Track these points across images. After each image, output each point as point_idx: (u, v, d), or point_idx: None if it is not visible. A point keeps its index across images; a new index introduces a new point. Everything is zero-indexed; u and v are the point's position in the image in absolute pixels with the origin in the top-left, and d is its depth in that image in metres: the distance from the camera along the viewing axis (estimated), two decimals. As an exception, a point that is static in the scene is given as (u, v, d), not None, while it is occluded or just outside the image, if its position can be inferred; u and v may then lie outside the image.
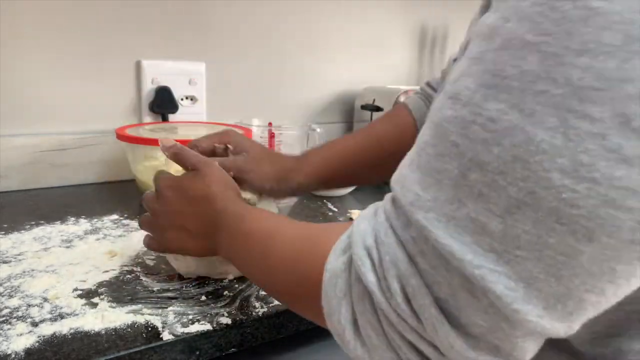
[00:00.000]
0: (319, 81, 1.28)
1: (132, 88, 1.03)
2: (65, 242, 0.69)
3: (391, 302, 0.30)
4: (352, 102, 1.32)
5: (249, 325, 0.51)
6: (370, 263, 0.32)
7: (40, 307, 0.51)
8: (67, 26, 0.94)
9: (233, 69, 1.14)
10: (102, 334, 0.47)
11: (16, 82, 0.91)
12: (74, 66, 0.96)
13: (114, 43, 0.99)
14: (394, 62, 1.41)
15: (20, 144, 0.93)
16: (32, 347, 0.45)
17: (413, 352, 0.31)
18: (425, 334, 0.30)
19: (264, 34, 1.17)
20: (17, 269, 0.60)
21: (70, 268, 0.61)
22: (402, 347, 0.31)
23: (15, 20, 0.89)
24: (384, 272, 0.31)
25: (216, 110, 1.13)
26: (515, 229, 0.26)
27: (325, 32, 1.26)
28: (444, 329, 0.29)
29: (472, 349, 0.29)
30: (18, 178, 0.93)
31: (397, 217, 0.31)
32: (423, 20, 1.43)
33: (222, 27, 1.11)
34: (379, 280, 0.31)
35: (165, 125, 1.01)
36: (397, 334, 0.31)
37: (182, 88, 1.08)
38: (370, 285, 0.31)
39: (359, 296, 0.32)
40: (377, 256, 0.32)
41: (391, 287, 0.30)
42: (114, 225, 0.76)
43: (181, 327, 0.49)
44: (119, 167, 1.01)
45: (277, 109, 1.22)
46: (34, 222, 0.75)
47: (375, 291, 0.31)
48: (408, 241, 0.30)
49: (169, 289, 0.56)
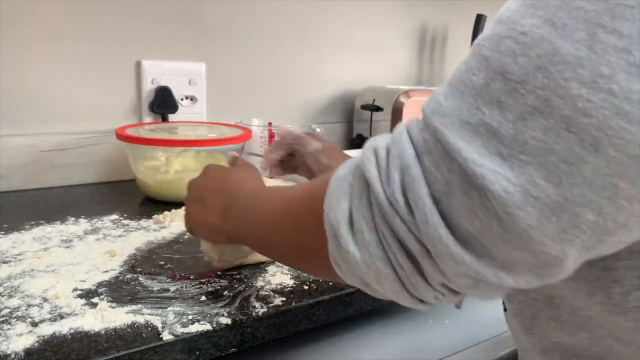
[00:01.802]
0: (319, 81, 1.28)
1: (132, 88, 1.03)
2: (65, 242, 0.69)
3: (387, 191, 0.31)
4: (352, 102, 1.32)
5: (249, 325, 0.51)
6: (374, 159, 0.33)
7: (40, 307, 0.51)
8: (67, 26, 0.94)
9: (233, 69, 1.14)
10: (102, 334, 0.47)
11: (16, 82, 0.91)
12: (74, 66, 0.96)
13: (114, 43, 0.99)
14: (394, 62, 1.41)
15: (20, 144, 0.93)
16: (31, 347, 0.45)
17: (401, 250, 0.32)
18: (414, 227, 0.31)
19: (264, 34, 1.17)
20: (17, 269, 0.60)
21: (70, 268, 0.61)
22: (392, 245, 0.32)
23: (16, 21, 0.89)
24: (387, 163, 0.32)
25: (216, 110, 1.13)
26: (524, 135, 0.27)
27: (326, 32, 1.26)
28: (434, 218, 0.29)
29: (460, 245, 0.29)
30: (18, 178, 0.93)
31: (416, 123, 0.33)
32: (423, 20, 1.43)
33: (222, 27, 1.11)
34: (379, 172, 0.32)
35: (165, 125, 1.01)
36: (387, 229, 0.32)
37: (182, 88, 1.08)
38: (371, 177, 0.32)
39: (359, 192, 0.33)
40: (384, 153, 0.33)
41: (390, 177, 0.31)
42: (114, 225, 0.76)
43: (181, 327, 0.49)
44: (119, 167, 1.01)
45: (277, 109, 1.22)
46: (33, 222, 0.75)
47: (374, 182, 0.32)
48: (419, 142, 0.31)
49: (169, 289, 0.56)
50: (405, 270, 0.32)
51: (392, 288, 0.34)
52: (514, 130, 0.28)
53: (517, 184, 0.27)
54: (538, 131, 0.27)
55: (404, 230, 0.31)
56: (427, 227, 0.30)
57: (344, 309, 0.59)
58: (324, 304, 0.57)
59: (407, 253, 0.32)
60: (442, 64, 1.51)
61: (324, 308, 0.57)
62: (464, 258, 0.29)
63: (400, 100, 1.18)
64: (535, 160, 0.27)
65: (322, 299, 0.56)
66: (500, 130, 0.28)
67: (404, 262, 0.32)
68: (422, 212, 0.30)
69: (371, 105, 1.23)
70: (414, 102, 1.19)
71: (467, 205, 0.29)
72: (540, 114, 0.27)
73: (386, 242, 0.32)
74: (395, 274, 0.33)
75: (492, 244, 0.29)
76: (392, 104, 1.18)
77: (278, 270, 0.62)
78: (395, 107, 1.18)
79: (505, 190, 0.27)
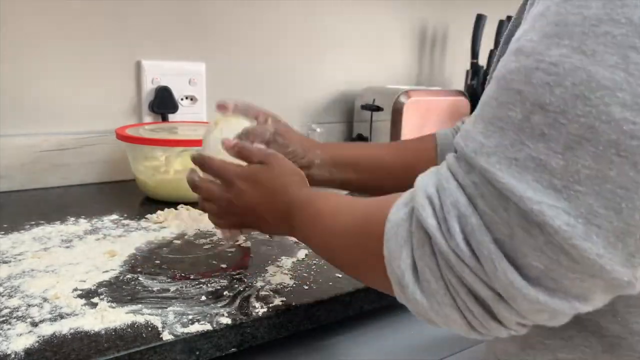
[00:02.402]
0: (319, 81, 1.28)
1: (132, 88, 1.03)
2: (65, 242, 0.69)
3: (450, 243, 0.31)
4: (352, 102, 1.32)
5: (249, 325, 0.51)
6: (431, 209, 0.33)
7: (40, 307, 0.51)
8: (68, 26, 0.94)
9: (233, 69, 1.14)
10: (102, 334, 0.47)
11: (16, 82, 0.91)
12: (74, 66, 0.96)
13: (114, 43, 0.99)
14: (394, 62, 1.41)
15: (20, 144, 0.93)
16: (31, 347, 0.45)
17: (470, 296, 0.32)
18: (483, 275, 0.30)
19: (264, 34, 1.17)
20: (17, 269, 0.60)
21: (70, 268, 0.61)
22: (460, 292, 0.32)
23: (16, 21, 0.89)
24: (444, 215, 0.32)
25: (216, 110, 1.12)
26: (575, 165, 0.27)
27: (326, 32, 1.26)
28: (502, 265, 0.29)
29: (531, 287, 0.29)
30: (18, 178, 0.93)
31: (460, 166, 0.32)
32: (423, 20, 1.43)
33: (222, 27, 1.11)
34: (439, 223, 0.32)
35: (165, 125, 1.01)
36: (455, 277, 0.32)
37: (182, 88, 1.08)
38: (431, 228, 0.32)
39: (419, 242, 0.33)
40: (437, 202, 0.32)
41: (451, 229, 0.31)
42: (114, 225, 0.76)
43: (181, 327, 0.49)
44: (119, 167, 1.01)
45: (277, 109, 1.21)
46: (33, 222, 0.75)
47: (435, 234, 0.32)
48: (469, 185, 0.31)
49: (169, 289, 0.56)
50: (476, 316, 0.32)
51: (463, 330, 0.34)
52: (563, 161, 0.28)
53: (577, 216, 0.27)
54: (589, 159, 0.27)
55: (473, 279, 0.31)
56: (497, 273, 0.30)
57: (344, 309, 0.59)
58: (324, 304, 0.56)
59: (476, 299, 0.32)
60: (442, 64, 1.51)
61: (324, 308, 0.57)
62: (538, 298, 0.29)
63: (400, 100, 1.18)
64: (591, 189, 0.27)
65: (322, 299, 0.56)
66: (550, 163, 0.28)
67: (474, 308, 0.32)
68: (489, 259, 0.30)
69: (371, 105, 1.23)
70: (414, 102, 1.19)
71: (531, 244, 0.29)
72: (587, 142, 0.27)
73: (454, 290, 0.32)
74: (465, 320, 0.33)
75: (563, 278, 0.29)
76: (392, 104, 1.18)
77: (278, 270, 0.62)
78: (395, 107, 1.18)
79: (567, 223, 0.27)
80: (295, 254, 0.67)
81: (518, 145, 0.29)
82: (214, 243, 0.71)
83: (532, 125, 0.29)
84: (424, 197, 0.33)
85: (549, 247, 0.28)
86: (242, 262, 0.65)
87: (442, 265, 0.32)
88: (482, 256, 0.30)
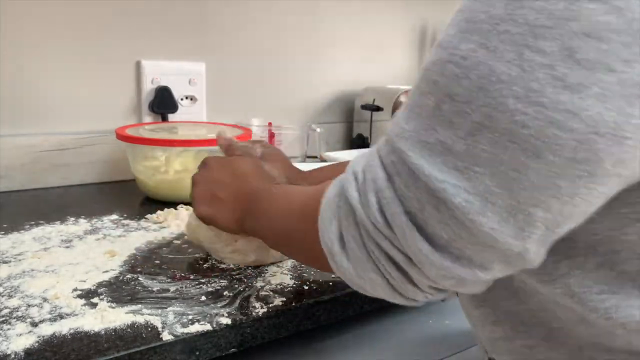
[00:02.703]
0: (319, 81, 1.28)
1: (132, 88, 1.03)
2: (65, 242, 0.69)
3: (368, 214, 0.35)
4: (352, 102, 1.32)
5: (249, 325, 0.51)
6: (355, 183, 0.37)
7: (39, 307, 0.51)
8: (67, 26, 0.94)
9: (233, 69, 1.14)
10: (102, 334, 0.47)
11: (16, 82, 0.91)
12: (74, 66, 0.96)
13: (114, 43, 0.99)
14: (394, 62, 1.41)
15: (20, 144, 0.93)
16: (31, 347, 0.45)
17: (388, 261, 0.36)
18: (396, 241, 0.35)
19: (264, 34, 1.17)
20: (16, 269, 0.60)
21: (70, 268, 0.61)
22: (380, 258, 0.36)
23: (16, 21, 0.89)
24: (365, 188, 0.36)
25: (216, 110, 1.13)
26: (475, 149, 0.31)
27: (326, 32, 1.26)
28: (412, 234, 0.34)
29: (438, 254, 0.33)
30: (18, 178, 0.93)
31: (385, 147, 0.36)
32: (423, 21, 1.43)
33: (222, 27, 1.11)
34: (360, 195, 0.36)
35: (165, 125, 1.01)
36: (374, 244, 0.36)
37: (182, 88, 1.08)
38: (352, 200, 0.37)
39: (345, 214, 0.38)
40: (361, 177, 0.37)
41: (369, 201, 0.35)
42: (114, 225, 0.76)
43: (181, 327, 0.49)
44: (119, 167, 1.01)
45: (277, 109, 1.22)
46: (33, 222, 0.75)
47: (356, 205, 0.36)
48: (388, 164, 0.35)
49: (168, 289, 0.56)
50: (395, 279, 0.36)
51: (386, 294, 0.39)
52: (465, 145, 0.31)
53: (475, 194, 0.31)
54: (486, 144, 0.30)
55: (388, 245, 0.35)
56: (407, 241, 0.34)
57: (344, 309, 0.59)
58: (324, 304, 0.57)
59: (395, 264, 0.36)
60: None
61: (324, 308, 0.57)
62: (442, 263, 0.33)
63: (400, 100, 1.18)
64: (488, 170, 0.31)
65: (322, 299, 0.56)
66: (455, 147, 0.32)
67: (393, 272, 0.36)
68: (400, 228, 0.34)
69: (371, 105, 1.23)
70: (414, 102, 1.19)
71: (437, 217, 0.33)
72: (486, 129, 0.30)
73: (375, 256, 0.36)
74: (387, 282, 0.37)
75: (465, 248, 0.33)
76: (392, 104, 1.18)
77: (278, 270, 0.62)
78: (395, 107, 1.18)
79: (466, 200, 0.31)
80: (295, 254, 0.67)
81: (430, 130, 0.33)
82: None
83: (442, 113, 0.32)
84: (351, 173, 0.38)
85: (452, 220, 0.32)
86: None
87: (363, 233, 0.36)
88: (395, 225, 0.34)
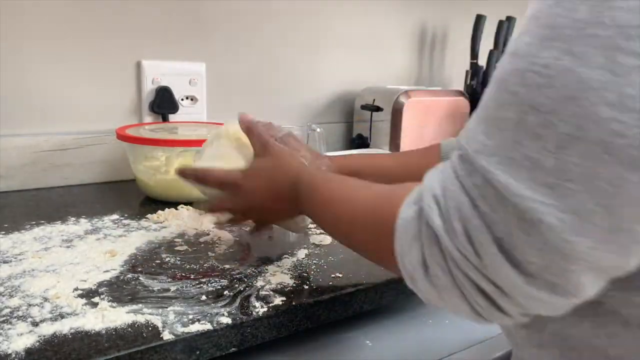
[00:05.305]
0: (319, 81, 1.28)
1: (133, 88, 1.03)
2: (65, 242, 0.69)
3: (455, 242, 0.33)
4: (352, 102, 1.32)
5: (249, 325, 0.51)
6: (437, 209, 0.34)
7: (40, 307, 0.51)
8: (68, 26, 0.94)
9: (233, 69, 1.14)
10: (103, 334, 0.47)
11: (16, 82, 0.91)
12: (74, 66, 0.96)
13: (114, 43, 0.99)
14: (394, 62, 1.41)
15: (21, 144, 0.93)
16: (32, 346, 0.45)
17: (475, 289, 0.33)
18: (485, 271, 0.32)
19: (264, 34, 1.17)
20: (17, 269, 0.60)
21: (70, 268, 0.61)
22: (466, 285, 0.34)
23: (16, 21, 0.89)
24: (449, 216, 0.33)
25: (216, 110, 1.13)
26: (566, 163, 0.28)
27: (326, 32, 1.26)
28: (501, 264, 0.31)
29: (530, 284, 0.31)
30: (18, 178, 0.93)
31: (463, 167, 0.34)
32: (423, 20, 1.43)
33: (222, 27, 1.11)
34: (444, 223, 0.34)
35: (165, 125, 1.01)
36: (460, 272, 0.33)
37: (182, 88, 1.08)
38: (437, 228, 0.34)
39: (428, 240, 0.35)
40: (443, 203, 0.34)
41: (455, 229, 0.33)
42: (115, 225, 0.76)
43: (181, 326, 0.49)
44: (120, 167, 1.01)
45: (277, 109, 1.22)
46: (34, 222, 0.75)
47: (442, 233, 0.34)
48: (471, 187, 0.33)
49: (169, 288, 0.56)
50: (482, 307, 0.34)
51: (469, 317, 0.36)
52: (555, 159, 0.29)
53: (570, 212, 0.29)
54: (578, 158, 0.28)
55: (477, 275, 0.33)
56: (496, 270, 0.31)
57: (344, 309, 0.59)
58: (324, 304, 0.57)
59: (483, 293, 0.33)
60: (442, 64, 1.51)
61: (324, 308, 0.57)
62: (534, 294, 0.31)
63: (400, 100, 1.18)
64: (582, 187, 0.28)
65: (322, 299, 0.56)
66: (544, 162, 0.29)
67: (480, 301, 0.34)
68: (490, 258, 0.32)
69: (371, 105, 1.23)
70: (414, 102, 1.19)
71: (528, 241, 0.30)
72: (577, 141, 0.28)
73: (461, 283, 0.34)
74: (473, 309, 0.35)
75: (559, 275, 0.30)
76: (392, 104, 1.18)
77: (278, 270, 0.62)
78: (395, 107, 1.18)
79: (560, 219, 0.29)
80: (295, 254, 0.67)
81: (515, 145, 0.30)
82: (214, 243, 0.71)
83: (527, 126, 0.30)
84: (430, 197, 0.35)
85: (545, 244, 0.29)
86: (242, 262, 0.65)
87: (449, 261, 0.34)
88: (484, 254, 0.32)
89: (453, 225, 0.33)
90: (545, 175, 0.29)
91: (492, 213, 0.31)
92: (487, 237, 0.31)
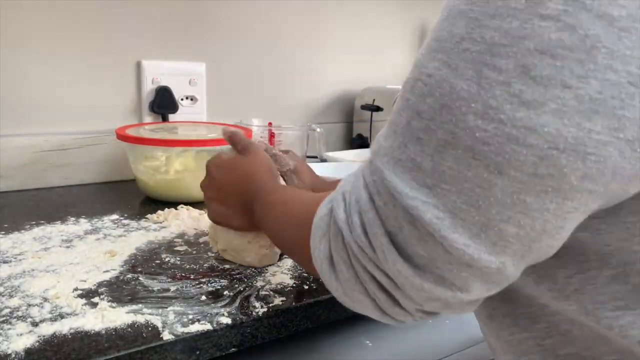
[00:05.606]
0: (319, 81, 1.28)
1: (133, 88, 1.03)
2: (65, 242, 0.69)
3: (354, 235, 0.35)
4: (352, 102, 1.32)
5: (249, 325, 0.51)
6: (343, 204, 0.37)
7: (40, 307, 0.51)
8: (68, 26, 0.94)
9: (233, 69, 1.14)
10: (102, 334, 0.47)
11: (16, 82, 0.91)
12: (74, 66, 0.96)
13: (114, 43, 0.99)
14: (394, 62, 1.41)
15: (21, 144, 0.93)
16: (32, 346, 0.45)
17: (375, 284, 0.36)
18: (379, 263, 0.34)
19: (264, 34, 1.17)
20: (17, 269, 0.60)
21: (70, 268, 0.61)
22: (366, 279, 0.36)
23: (16, 21, 0.89)
24: (350, 210, 0.36)
25: (216, 110, 1.13)
26: (441, 166, 0.31)
27: (326, 32, 1.26)
28: (392, 256, 0.33)
29: (420, 277, 0.33)
30: (18, 178, 0.93)
31: (368, 166, 0.36)
32: (423, 21, 1.43)
33: (222, 27, 1.11)
34: (347, 217, 0.36)
35: (165, 125, 1.01)
36: (360, 266, 0.36)
37: (182, 88, 1.08)
38: (340, 221, 0.36)
39: (334, 235, 0.37)
40: (348, 198, 0.37)
41: (354, 222, 0.35)
42: (114, 225, 0.76)
43: (181, 326, 0.49)
44: (119, 167, 1.01)
45: (277, 109, 1.22)
46: (34, 222, 0.75)
47: (344, 227, 0.36)
48: (370, 184, 0.35)
49: (169, 288, 0.56)
50: (382, 301, 0.36)
51: (375, 315, 0.38)
52: (432, 162, 0.31)
53: (445, 210, 0.31)
54: (451, 161, 0.31)
55: (373, 267, 0.35)
56: (388, 262, 0.34)
57: (344, 309, 0.58)
58: (324, 304, 0.57)
59: (381, 287, 0.36)
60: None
61: (324, 308, 0.57)
62: (423, 285, 0.33)
63: (400, 100, 1.18)
64: (454, 187, 0.31)
65: (322, 299, 0.56)
66: (423, 164, 0.32)
67: (380, 295, 0.36)
68: (381, 250, 0.34)
69: (371, 105, 1.23)
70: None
71: (415, 235, 0.32)
72: (450, 146, 0.31)
73: (362, 278, 0.36)
74: (375, 304, 0.37)
75: (443, 268, 0.32)
76: (392, 104, 1.18)
77: (278, 270, 0.62)
78: (395, 107, 1.18)
79: (437, 217, 0.31)
80: (295, 254, 0.67)
81: (402, 147, 0.33)
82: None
83: (412, 130, 0.32)
84: (340, 194, 0.38)
85: (428, 238, 0.32)
86: (242, 262, 0.65)
87: (351, 256, 0.36)
88: (377, 246, 0.34)
89: (353, 218, 0.35)
90: (424, 176, 0.32)
91: (385, 208, 0.33)
92: (380, 229, 0.34)
